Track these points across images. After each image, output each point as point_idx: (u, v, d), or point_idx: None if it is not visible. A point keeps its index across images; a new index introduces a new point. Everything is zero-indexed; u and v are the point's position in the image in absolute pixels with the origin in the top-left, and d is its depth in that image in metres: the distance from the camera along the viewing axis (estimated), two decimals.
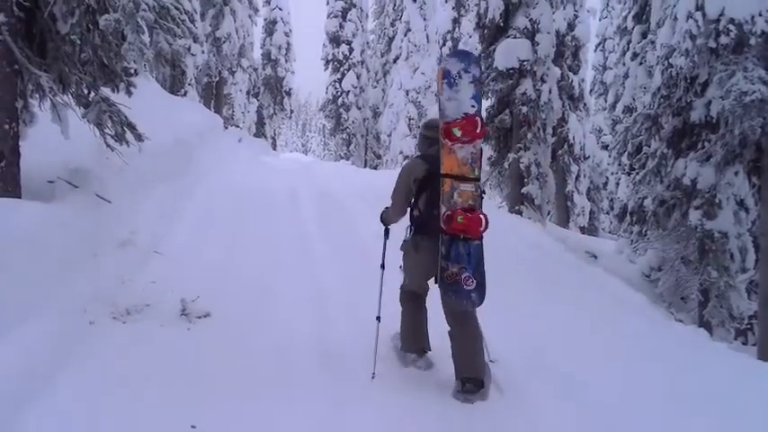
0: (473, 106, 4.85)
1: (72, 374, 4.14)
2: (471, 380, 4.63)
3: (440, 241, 4.65)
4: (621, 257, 12.95)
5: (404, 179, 4.90)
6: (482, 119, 4.85)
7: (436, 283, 4.73)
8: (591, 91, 32.79)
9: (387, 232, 5.25)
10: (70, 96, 6.05)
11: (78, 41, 5.73)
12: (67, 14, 5.57)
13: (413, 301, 5.11)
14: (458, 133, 4.69)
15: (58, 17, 5.58)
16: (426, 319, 5.13)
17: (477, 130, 4.72)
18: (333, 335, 5.53)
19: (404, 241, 5.01)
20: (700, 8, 9.65)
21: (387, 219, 5.16)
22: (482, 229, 4.62)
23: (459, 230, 4.56)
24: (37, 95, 5.91)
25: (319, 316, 5.95)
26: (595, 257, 11.93)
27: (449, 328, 4.80)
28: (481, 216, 4.61)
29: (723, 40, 9.42)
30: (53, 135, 5.93)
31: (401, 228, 5.08)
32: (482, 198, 4.86)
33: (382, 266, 5.21)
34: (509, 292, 7.30)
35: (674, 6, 10.47)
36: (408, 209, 4.98)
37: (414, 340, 5.10)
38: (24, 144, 5.72)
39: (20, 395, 3.69)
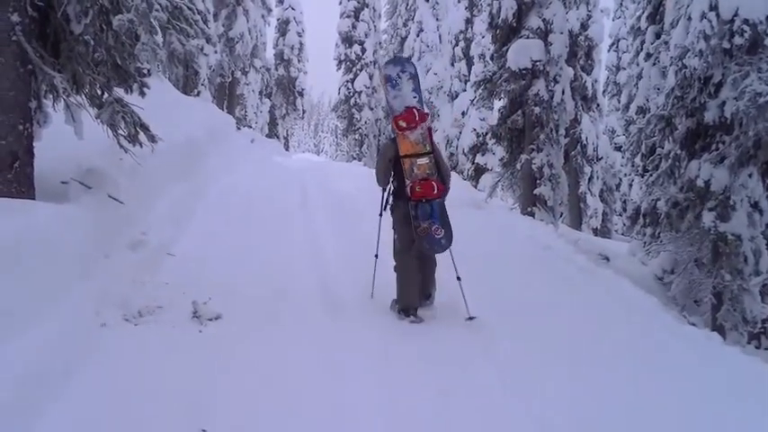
0: (414, 97, 6.41)
1: (84, 377, 4.15)
2: (428, 290, 6.37)
3: (409, 206, 6.10)
4: (634, 260, 12.89)
5: (381, 158, 6.44)
6: (418, 108, 6.26)
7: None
8: (604, 91, 32.64)
9: (384, 196, 6.54)
10: (84, 97, 6.07)
11: (92, 42, 5.74)
12: (81, 15, 5.59)
13: (404, 270, 6.25)
14: (402, 124, 6.14)
15: (71, 17, 5.60)
16: (417, 282, 6.24)
17: (417, 119, 6.14)
18: (346, 336, 5.54)
19: (390, 206, 6.44)
20: (713, 8, 9.59)
21: (377, 181, 6.49)
22: (435, 192, 6.06)
23: (420, 196, 6.05)
24: (51, 96, 5.93)
25: (332, 317, 5.96)
26: (608, 259, 11.86)
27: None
28: (433, 182, 6.07)
29: (737, 40, 9.36)
30: (67, 135, 5.96)
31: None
32: (438, 165, 6.22)
33: (380, 214, 6.62)
34: (518, 293, 7.32)
35: (688, 6, 10.41)
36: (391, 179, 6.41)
37: (406, 302, 6.16)
38: (38, 145, 5.75)
39: (32, 398, 3.70)
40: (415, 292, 6.18)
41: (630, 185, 29.26)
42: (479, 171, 26.30)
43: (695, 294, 10.61)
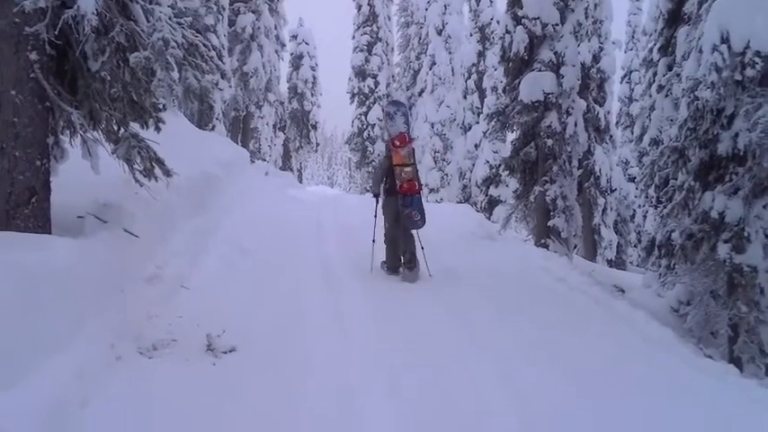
0: (404, 126, 9.42)
1: (99, 410, 4.18)
2: (409, 255, 8.99)
3: (398, 198, 8.92)
4: (649, 291, 12.78)
5: (379, 168, 9.43)
6: (408, 134, 9.33)
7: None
8: (617, 123, 32.72)
9: (377, 200, 9.26)
10: (100, 132, 6.15)
11: (108, 78, 5.81)
12: (98, 52, 5.67)
13: (391, 241, 9.13)
14: (397, 143, 9.04)
15: (89, 55, 5.69)
16: (400, 251, 9.05)
17: (407, 140, 9.14)
18: (358, 369, 5.53)
19: (382, 200, 9.18)
20: (725, 41, 9.58)
21: (372, 188, 9.39)
22: (416, 188, 9.03)
23: (406, 191, 8.93)
24: (68, 132, 6.02)
25: (344, 348, 5.96)
26: (623, 291, 11.79)
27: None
28: (415, 182, 9.04)
29: (749, 72, 9.34)
30: (83, 170, 6.03)
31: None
32: (417, 171, 9.21)
33: (375, 215, 9.26)
34: (533, 325, 7.29)
35: (699, 39, 10.41)
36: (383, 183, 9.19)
37: (392, 263, 9.20)
38: (55, 180, 5.81)
39: (50, 431, 3.72)
40: (397, 258, 9.12)
41: (645, 217, 29.11)
42: (493, 203, 26.35)
43: (712, 326, 10.49)
